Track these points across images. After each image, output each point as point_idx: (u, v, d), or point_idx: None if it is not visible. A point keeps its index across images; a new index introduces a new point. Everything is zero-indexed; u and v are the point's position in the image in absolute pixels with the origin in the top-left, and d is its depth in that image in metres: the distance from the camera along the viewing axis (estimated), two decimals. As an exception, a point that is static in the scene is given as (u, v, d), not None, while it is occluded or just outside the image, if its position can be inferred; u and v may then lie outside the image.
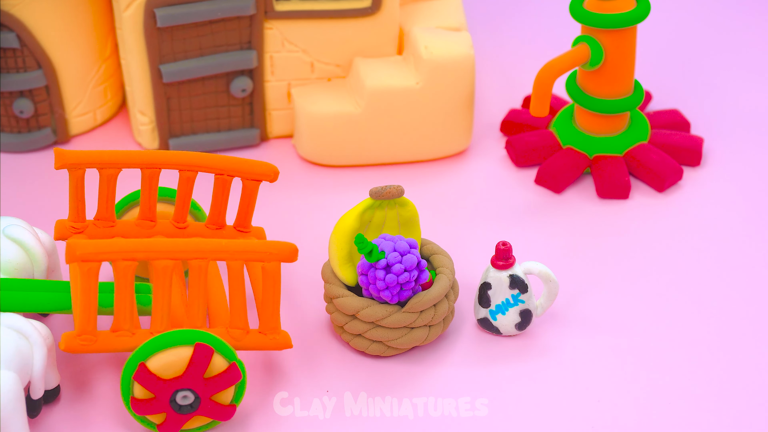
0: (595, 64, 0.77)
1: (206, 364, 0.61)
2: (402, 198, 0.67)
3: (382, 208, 0.67)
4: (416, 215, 0.68)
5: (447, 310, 0.67)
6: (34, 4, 0.78)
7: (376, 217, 0.67)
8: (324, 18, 0.79)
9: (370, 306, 0.66)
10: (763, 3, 0.97)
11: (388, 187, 0.66)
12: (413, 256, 0.65)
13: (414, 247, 0.66)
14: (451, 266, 0.68)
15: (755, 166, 0.81)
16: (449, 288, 0.67)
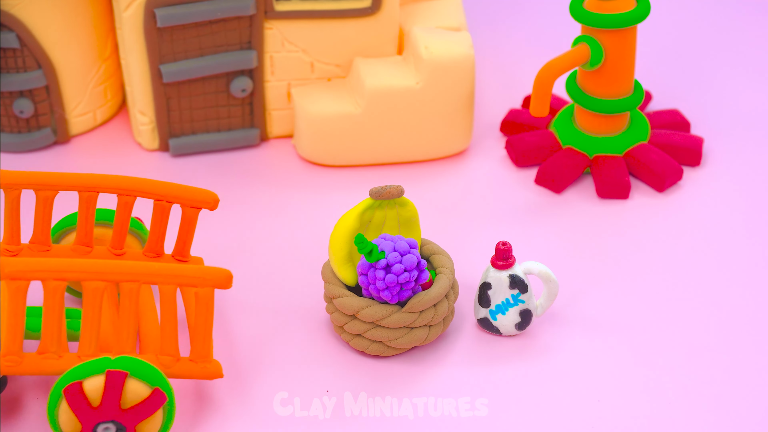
0: (595, 64, 0.77)
1: (119, 391, 0.58)
2: (402, 198, 0.67)
3: (382, 208, 0.67)
4: (416, 215, 0.68)
5: (447, 310, 0.67)
6: (34, 4, 0.78)
7: (376, 217, 0.67)
8: (324, 18, 0.79)
9: (369, 306, 0.65)
10: (762, 3, 0.96)
11: (388, 187, 0.65)
12: (413, 256, 0.65)
13: (414, 247, 0.65)
14: (451, 266, 0.67)
15: (755, 166, 0.81)
16: (449, 288, 0.67)
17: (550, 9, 0.95)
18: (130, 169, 0.82)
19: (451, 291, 0.67)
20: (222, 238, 0.76)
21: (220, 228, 0.77)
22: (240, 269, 0.74)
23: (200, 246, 0.75)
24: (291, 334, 0.70)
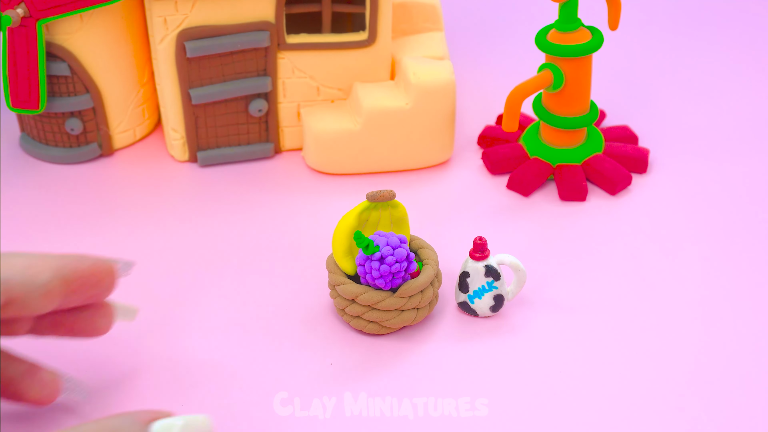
0: (557, 87, 0.77)
1: None
2: (394, 201, 0.68)
3: (377, 209, 0.67)
4: (406, 215, 0.68)
5: (432, 295, 0.67)
6: (82, 38, 0.78)
7: (372, 217, 0.68)
8: (328, 49, 0.79)
9: (367, 292, 0.66)
10: (697, 33, 0.96)
11: (382, 191, 0.67)
12: (403, 250, 0.65)
13: (404, 242, 0.66)
14: (436, 258, 0.68)
15: (693, 173, 0.81)
16: (434, 277, 0.67)
17: (518, 41, 0.95)
18: (164, 177, 0.81)
19: (436, 279, 0.68)
20: (240, 237, 0.76)
21: (241, 228, 0.77)
22: (253, 266, 0.73)
23: (222, 243, 0.75)
24: (298, 325, 0.68)
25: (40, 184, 0.81)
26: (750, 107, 0.88)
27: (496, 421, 0.62)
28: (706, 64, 0.93)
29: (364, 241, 0.64)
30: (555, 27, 0.77)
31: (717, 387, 0.65)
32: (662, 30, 0.98)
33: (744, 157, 0.83)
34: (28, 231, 0.77)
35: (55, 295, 0.56)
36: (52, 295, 0.56)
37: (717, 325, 0.69)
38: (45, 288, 0.55)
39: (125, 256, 0.74)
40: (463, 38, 0.96)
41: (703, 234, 0.76)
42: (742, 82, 0.91)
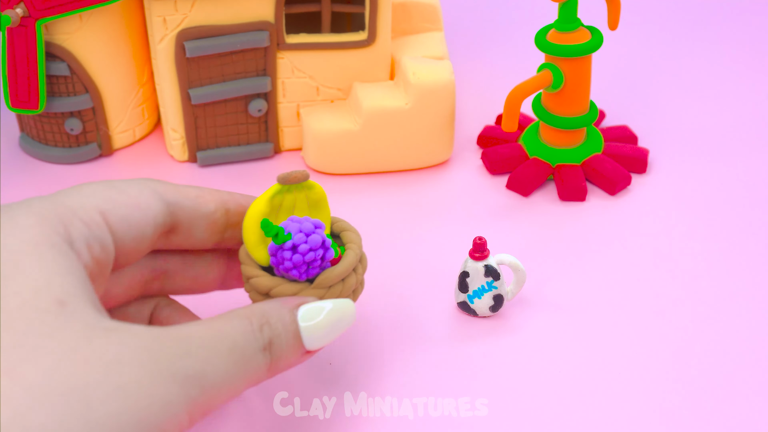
0: (557, 87, 0.77)
1: None
2: (309, 181, 0.61)
3: (291, 191, 0.60)
4: (324, 196, 0.61)
5: (355, 283, 0.60)
6: (82, 38, 0.78)
7: (286, 201, 0.60)
8: (327, 49, 0.79)
9: (281, 284, 0.59)
10: (697, 33, 0.97)
11: (294, 172, 0.60)
12: (318, 236, 0.58)
13: (319, 227, 0.59)
14: (359, 242, 0.61)
15: (692, 173, 0.81)
16: (356, 262, 0.60)
17: (518, 41, 0.95)
18: (163, 177, 0.81)
19: (359, 265, 0.61)
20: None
21: None
22: None
23: None
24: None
25: (39, 184, 0.81)
26: (749, 107, 0.88)
27: (496, 421, 0.62)
28: (706, 64, 0.93)
29: (272, 229, 0.58)
30: (554, 27, 0.77)
31: (717, 387, 0.65)
32: (662, 30, 0.98)
33: (743, 157, 0.83)
34: (27, 231, 0.77)
35: (218, 227, 0.59)
36: (216, 227, 0.59)
37: (717, 325, 0.69)
38: (211, 218, 0.59)
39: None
40: (463, 38, 0.96)
41: (702, 234, 0.76)
42: (741, 82, 0.91)
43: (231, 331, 0.51)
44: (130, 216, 0.54)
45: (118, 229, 0.53)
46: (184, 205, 0.57)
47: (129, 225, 0.54)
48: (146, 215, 0.55)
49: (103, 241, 0.52)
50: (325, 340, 0.56)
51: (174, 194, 0.57)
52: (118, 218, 0.53)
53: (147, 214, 0.55)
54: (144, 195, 0.55)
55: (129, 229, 0.54)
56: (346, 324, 0.56)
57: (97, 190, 0.53)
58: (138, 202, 0.54)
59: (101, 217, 0.52)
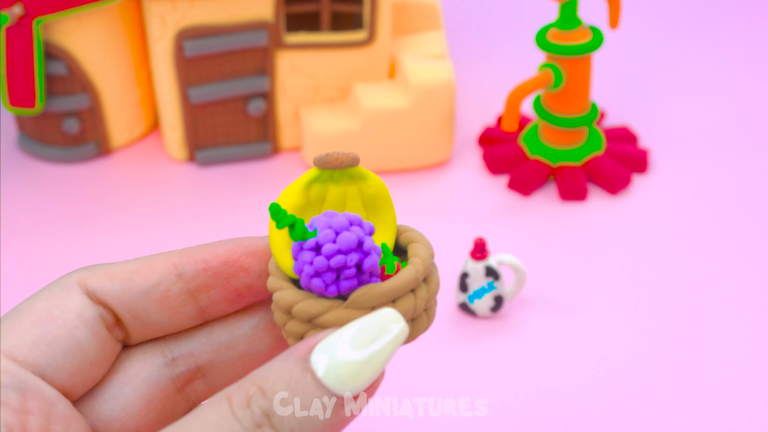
0: (557, 86, 0.78)
1: None
2: (359, 169, 0.44)
3: (336, 182, 0.44)
4: (384, 192, 0.44)
5: (414, 308, 0.42)
6: (80, 37, 0.78)
7: (331, 194, 0.44)
8: (327, 48, 0.80)
9: (304, 300, 0.42)
10: (698, 33, 0.97)
11: (336, 153, 0.43)
12: (352, 235, 0.41)
13: (357, 223, 0.42)
14: (426, 255, 0.43)
15: (692, 173, 0.82)
16: (414, 280, 0.42)
17: (518, 41, 0.95)
18: (162, 176, 0.81)
19: (424, 285, 0.43)
20: (239, 234, 0.73)
21: (239, 227, 0.77)
22: None
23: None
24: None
25: (38, 184, 0.81)
26: (750, 107, 0.88)
27: (496, 421, 0.62)
28: (707, 64, 0.93)
29: (283, 217, 0.41)
30: (555, 26, 0.77)
31: (717, 386, 0.65)
32: (663, 30, 0.98)
33: (744, 156, 0.83)
34: (26, 230, 0.77)
35: (175, 301, 0.45)
36: (171, 302, 0.45)
37: (718, 324, 0.69)
38: (155, 295, 0.44)
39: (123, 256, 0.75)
40: (463, 38, 0.97)
41: (702, 233, 0.76)
42: (742, 82, 0.91)
43: (201, 426, 0.38)
44: (46, 337, 0.42)
45: (39, 360, 0.42)
46: (113, 290, 0.44)
47: (49, 348, 0.42)
48: (66, 324, 0.42)
49: (23, 384, 0.41)
50: (368, 376, 0.40)
51: (97, 279, 0.44)
52: (28, 348, 0.42)
53: (66, 322, 0.43)
54: (55, 300, 0.43)
55: (53, 353, 0.42)
56: (393, 341, 0.40)
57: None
58: (47, 315, 0.42)
59: (6, 359, 0.41)
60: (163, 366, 0.45)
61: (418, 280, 0.42)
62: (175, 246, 0.75)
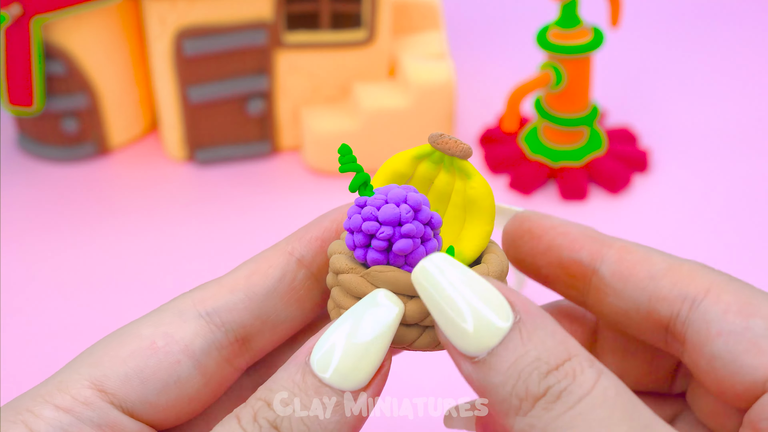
0: (558, 86, 0.78)
1: None
2: (467, 166, 0.41)
3: (448, 169, 0.42)
4: (484, 200, 0.41)
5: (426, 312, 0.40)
6: (79, 37, 0.78)
7: (439, 180, 0.42)
8: (326, 48, 0.80)
9: (341, 255, 0.41)
10: (698, 33, 0.97)
11: (451, 136, 0.41)
12: (396, 210, 0.39)
13: (414, 205, 0.39)
14: (497, 264, 0.41)
15: (693, 173, 0.82)
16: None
17: (518, 41, 0.95)
18: (161, 176, 0.81)
19: None
20: (239, 236, 0.76)
21: (239, 227, 0.77)
22: None
23: (220, 242, 0.75)
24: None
25: (37, 183, 0.81)
26: (750, 107, 0.88)
27: (497, 422, 0.62)
28: (708, 64, 0.93)
29: (351, 163, 0.40)
30: (556, 25, 0.77)
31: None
32: (663, 29, 0.98)
33: (744, 156, 0.83)
34: (25, 229, 0.77)
35: (305, 287, 0.43)
36: (301, 290, 0.43)
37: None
38: (282, 289, 0.43)
39: (122, 255, 0.75)
40: (463, 38, 0.97)
41: (703, 233, 0.76)
42: (742, 82, 0.91)
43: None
44: (143, 371, 0.40)
45: (129, 395, 0.40)
46: (238, 300, 0.42)
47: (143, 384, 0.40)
48: (168, 358, 0.40)
49: (103, 420, 0.39)
50: (368, 365, 0.38)
51: (216, 296, 0.42)
52: (119, 381, 0.40)
53: (168, 354, 0.41)
54: (163, 327, 0.41)
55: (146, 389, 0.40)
56: (387, 324, 0.39)
57: (91, 352, 0.41)
58: (149, 344, 0.41)
59: (92, 389, 0.40)
60: None
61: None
62: (173, 245, 0.75)
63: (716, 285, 0.41)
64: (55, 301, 0.72)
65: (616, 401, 0.36)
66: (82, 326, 0.69)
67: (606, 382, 0.36)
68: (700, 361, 0.41)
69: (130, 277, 0.73)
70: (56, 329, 0.69)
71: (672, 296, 0.41)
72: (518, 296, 0.38)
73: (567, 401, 0.36)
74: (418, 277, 0.38)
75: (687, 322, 0.41)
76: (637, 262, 0.43)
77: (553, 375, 0.36)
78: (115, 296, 0.71)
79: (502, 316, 0.37)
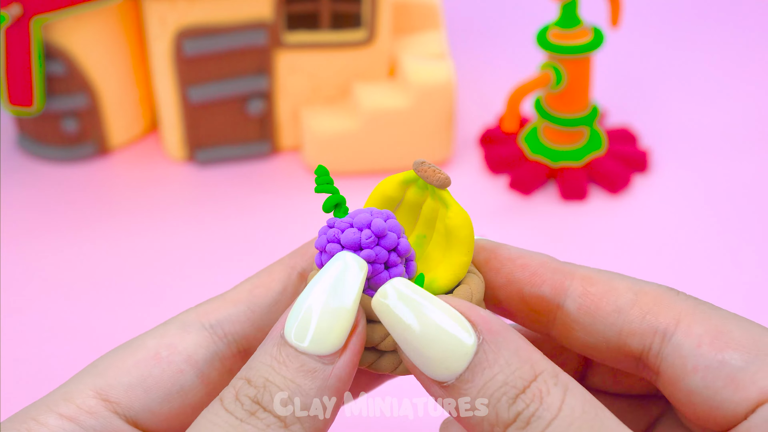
0: (558, 86, 0.78)
1: None
2: (445, 195, 0.42)
3: (432, 196, 0.43)
4: (460, 231, 0.41)
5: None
6: (79, 37, 0.79)
7: (426, 207, 0.43)
8: (326, 48, 0.80)
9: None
10: (698, 33, 0.97)
11: (432, 165, 0.42)
12: (355, 233, 0.41)
13: (378, 232, 0.40)
14: (468, 292, 0.41)
15: (693, 173, 0.82)
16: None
17: (518, 41, 0.95)
18: (161, 176, 0.81)
19: None
20: (239, 236, 0.76)
21: (239, 227, 0.77)
22: (251, 265, 0.69)
23: (220, 243, 0.75)
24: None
25: (37, 183, 0.81)
26: (750, 107, 0.88)
27: (497, 422, 0.62)
28: (708, 64, 0.94)
29: (327, 184, 0.42)
30: (556, 25, 0.77)
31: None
32: (663, 29, 0.98)
33: (745, 156, 0.83)
34: (25, 229, 0.77)
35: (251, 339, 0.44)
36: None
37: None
38: (282, 303, 0.44)
39: (122, 255, 0.75)
40: (463, 38, 0.97)
41: (703, 234, 0.76)
42: (742, 82, 0.91)
43: (200, 429, 0.38)
44: (146, 380, 0.41)
45: (133, 404, 0.41)
46: (240, 312, 0.43)
47: (146, 393, 0.41)
48: (171, 368, 0.42)
49: (106, 429, 0.40)
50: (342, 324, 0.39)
51: (219, 308, 0.43)
52: (123, 390, 0.41)
53: (172, 364, 0.42)
54: (167, 338, 0.42)
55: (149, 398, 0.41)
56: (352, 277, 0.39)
57: (96, 364, 0.42)
58: (153, 354, 0.42)
59: (97, 399, 0.41)
60: None
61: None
62: (173, 245, 0.76)
63: (685, 314, 0.41)
64: (55, 301, 0.72)
65: (583, 419, 0.37)
66: (82, 326, 0.70)
67: (571, 401, 0.37)
68: (677, 394, 0.41)
69: (130, 277, 0.73)
70: (56, 329, 0.70)
71: (642, 330, 0.41)
72: (479, 314, 0.38)
73: (537, 426, 0.37)
74: (378, 301, 0.38)
75: (660, 356, 0.41)
76: (602, 294, 0.42)
77: (521, 399, 0.37)
78: (115, 296, 0.71)
79: (464, 338, 0.38)
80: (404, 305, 0.38)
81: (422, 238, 0.43)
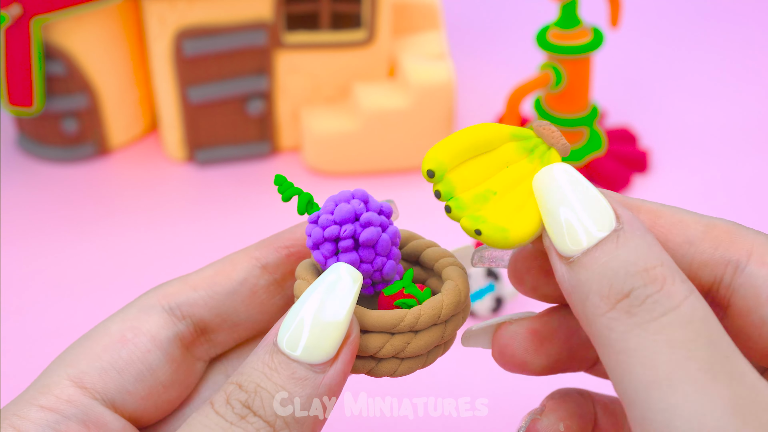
0: (557, 86, 0.78)
1: None
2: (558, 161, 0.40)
3: (536, 159, 0.41)
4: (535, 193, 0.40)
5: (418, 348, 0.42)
6: (79, 37, 0.79)
7: (516, 168, 0.41)
8: (326, 48, 0.80)
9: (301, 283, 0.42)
10: (698, 33, 0.97)
11: (551, 128, 0.41)
12: (348, 206, 0.40)
13: (361, 198, 0.41)
14: (455, 288, 0.42)
15: (693, 173, 0.82)
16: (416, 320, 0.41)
17: (518, 41, 0.95)
18: (160, 176, 0.82)
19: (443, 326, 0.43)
20: (239, 237, 0.75)
21: (239, 227, 0.77)
22: None
23: (220, 243, 0.75)
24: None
25: (37, 184, 0.81)
26: (750, 107, 0.88)
27: (496, 421, 0.62)
28: (708, 64, 0.93)
29: (291, 188, 0.42)
30: (555, 26, 0.77)
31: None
32: (663, 29, 0.98)
33: (745, 156, 0.83)
34: (25, 230, 0.78)
35: (265, 294, 0.45)
36: (261, 296, 0.45)
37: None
38: (244, 291, 0.45)
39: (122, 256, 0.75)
40: (464, 37, 0.97)
41: (704, 234, 0.76)
42: (742, 82, 0.91)
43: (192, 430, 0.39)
44: (117, 362, 0.43)
45: (108, 387, 0.42)
46: (199, 297, 0.44)
47: (119, 374, 0.42)
48: (138, 348, 0.43)
49: (87, 416, 0.41)
50: (335, 334, 0.39)
51: (179, 292, 0.44)
52: (97, 375, 0.42)
53: (138, 345, 0.43)
54: (129, 322, 0.43)
55: (123, 379, 0.42)
56: (347, 290, 0.40)
57: (66, 354, 0.43)
58: (119, 338, 0.43)
59: (74, 387, 0.42)
60: None
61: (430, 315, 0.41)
62: (173, 245, 0.76)
63: (758, 246, 0.40)
64: (55, 301, 0.72)
65: (702, 325, 0.35)
66: (82, 326, 0.69)
67: (696, 302, 0.36)
68: (748, 328, 0.40)
69: (130, 276, 0.73)
70: (56, 329, 0.70)
71: (713, 261, 0.40)
72: (627, 212, 0.38)
73: (651, 310, 0.35)
74: (540, 179, 0.39)
75: (732, 288, 0.40)
76: (671, 226, 0.41)
77: (639, 276, 0.36)
78: (115, 296, 0.71)
79: (604, 222, 0.37)
80: (561, 185, 0.39)
81: (492, 194, 0.40)
